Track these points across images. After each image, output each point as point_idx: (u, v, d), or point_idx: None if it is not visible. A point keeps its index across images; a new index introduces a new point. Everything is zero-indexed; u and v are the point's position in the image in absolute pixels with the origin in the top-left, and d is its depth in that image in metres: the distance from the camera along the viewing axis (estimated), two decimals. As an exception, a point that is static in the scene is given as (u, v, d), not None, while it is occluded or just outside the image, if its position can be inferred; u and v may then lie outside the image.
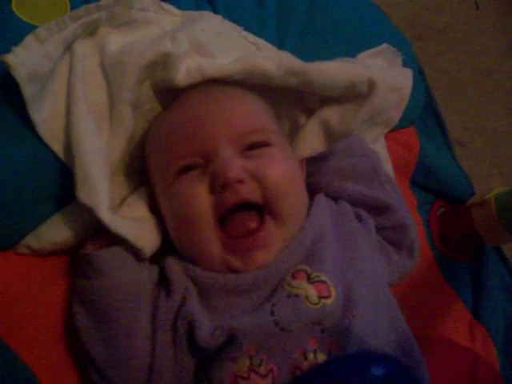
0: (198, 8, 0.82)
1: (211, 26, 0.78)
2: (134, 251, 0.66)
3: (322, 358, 0.57)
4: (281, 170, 0.66)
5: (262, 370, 0.56)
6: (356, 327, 0.59)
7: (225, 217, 0.64)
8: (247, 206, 0.64)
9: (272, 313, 0.58)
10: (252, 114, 0.70)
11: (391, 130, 0.90)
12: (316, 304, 0.59)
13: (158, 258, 0.70)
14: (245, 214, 0.64)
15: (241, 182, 0.63)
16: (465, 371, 0.88)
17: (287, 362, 0.56)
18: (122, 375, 0.62)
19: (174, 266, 0.66)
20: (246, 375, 0.56)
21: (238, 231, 0.64)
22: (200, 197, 0.63)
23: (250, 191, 0.63)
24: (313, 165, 0.79)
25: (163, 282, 0.67)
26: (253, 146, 0.67)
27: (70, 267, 0.70)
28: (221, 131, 0.66)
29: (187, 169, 0.66)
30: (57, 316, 0.67)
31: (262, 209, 0.65)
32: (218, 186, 0.63)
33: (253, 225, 0.64)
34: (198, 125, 0.66)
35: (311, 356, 0.57)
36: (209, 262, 0.65)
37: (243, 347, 0.57)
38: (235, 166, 0.63)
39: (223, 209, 0.63)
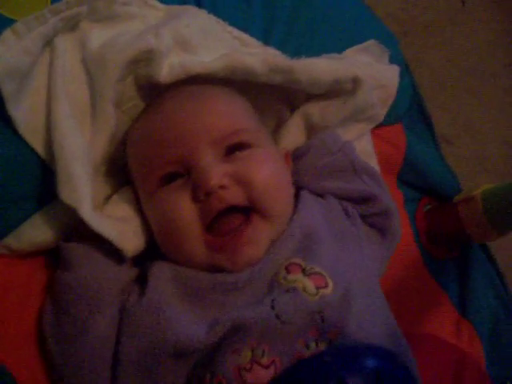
0: (182, 2, 0.81)
1: (196, 21, 0.77)
2: (112, 250, 0.65)
3: (323, 346, 0.57)
4: (265, 172, 0.66)
5: (265, 361, 0.56)
6: (353, 317, 0.60)
7: (212, 222, 0.64)
8: (233, 209, 0.64)
9: (273, 307, 0.58)
10: (232, 114, 0.69)
11: (378, 127, 0.90)
12: (315, 295, 0.60)
13: (141, 259, 0.69)
14: (230, 216, 0.64)
15: (223, 187, 0.63)
16: (451, 368, 0.89)
17: (289, 353, 0.56)
18: (76, 375, 0.61)
19: (159, 270, 0.65)
20: (248, 367, 0.56)
21: (224, 231, 0.64)
22: (184, 208, 0.64)
23: (233, 196, 0.64)
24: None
25: (138, 284, 0.66)
26: (235, 149, 0.66)
27: (49, 268, 0.69)
28: (199, 136, 0.65)
29: (169, 178, 0.66)
30: (35, 318, 0.66)
31: (249, 209, 0.64)
32: (201, 194, 0.63)
33: (238, 222, 0.64)
34: (175, 131, 0.66)
35: (313, 345, 0.57)
36: (197, 265, 0.64)
37: (245, 340, 0.57)
38: (216, 172, 0.63)
39: (209, 217, 0.63)
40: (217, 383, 0.56)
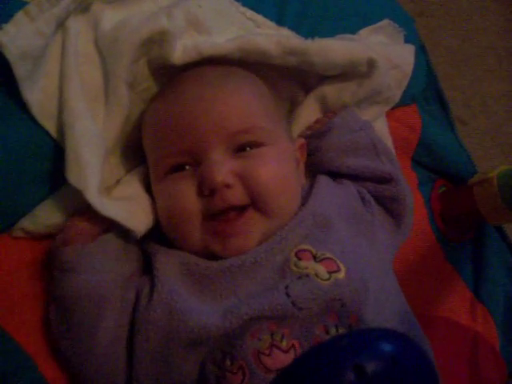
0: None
1: (208, 1, 0.76)
2: (110, 242, 0.67)
3: (343, 331, 0.58)
4: (271, 172, 0.66)
5: (284, 345, 0.57)
6: (371, 302, 0.61)
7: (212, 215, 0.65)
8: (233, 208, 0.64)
9: (287, 294, 0.59)
10: (246, 109, 0.68)
11: (392, 108, 0.89)
12: (327, 279, 0.60)
13: (145, 238, 0.70)
14: (229, 213, 0.64)
15: (228, 186, 0.63)
16: (466, 350, 0.89)
17: (309, 338, 0.57)
18: (90, 372, 0.63)
19: (166, 260, 0.65)
20: (267, 352, 0.56)
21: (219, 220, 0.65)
22: (188, 199, 0.65)
23: (237, 197, 0.64)
24: (313, 143, 0.79)
25: (146, 276, 0.67)
26: (245, 147, 0.66)
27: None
28: (211, 131, 0.65)
29: (178, 167, 0.67)
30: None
31: (249, 205, 0.65)
32: (206, 190, 0.63)
33: (234, 215, 0.64)
34: (189, 122, 0.66)
35: (333, 330, 0.58)
36: (192, 248, 0.65)
37: (264, 324, 0.58)
38: (223, 170, 0.63)
39: (210, 212, 0.64)
40: (238, 367, 0.56)
